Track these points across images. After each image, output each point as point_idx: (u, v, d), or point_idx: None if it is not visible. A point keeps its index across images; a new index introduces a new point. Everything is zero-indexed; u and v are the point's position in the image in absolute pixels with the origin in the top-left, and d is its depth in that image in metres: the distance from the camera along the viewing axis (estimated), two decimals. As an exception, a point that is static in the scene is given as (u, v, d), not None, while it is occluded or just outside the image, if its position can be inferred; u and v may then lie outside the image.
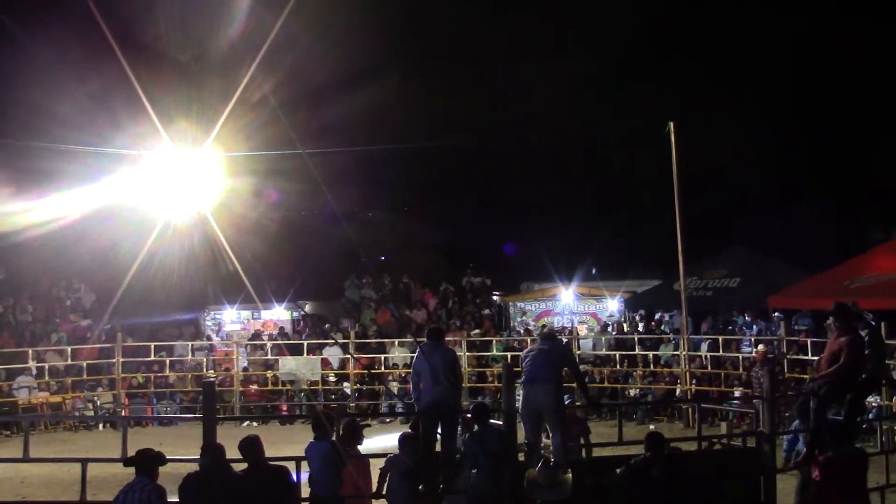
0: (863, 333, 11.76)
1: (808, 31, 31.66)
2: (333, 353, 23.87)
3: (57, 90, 22.04)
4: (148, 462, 8.72)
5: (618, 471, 9.92)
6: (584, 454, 12.47)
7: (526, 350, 11.82)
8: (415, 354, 12.08)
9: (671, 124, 21.63)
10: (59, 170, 21.60)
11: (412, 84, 31.60)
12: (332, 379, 23.93)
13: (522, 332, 26.32)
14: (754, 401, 17.11)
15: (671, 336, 23.72)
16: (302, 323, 27.31)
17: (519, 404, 11.18)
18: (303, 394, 23.68)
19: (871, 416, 16.27)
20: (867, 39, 32.21)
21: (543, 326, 25.80)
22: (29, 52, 23.00)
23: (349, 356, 22.83)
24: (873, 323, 13.55)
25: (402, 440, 10.41)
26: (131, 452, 8.99)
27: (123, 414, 22.20)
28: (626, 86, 35.37)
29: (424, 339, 11.90)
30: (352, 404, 23.13)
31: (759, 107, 33.46)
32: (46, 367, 22.33)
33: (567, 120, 33.26)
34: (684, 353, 21.81)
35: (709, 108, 31.23)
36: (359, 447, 10.72)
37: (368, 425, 11.57)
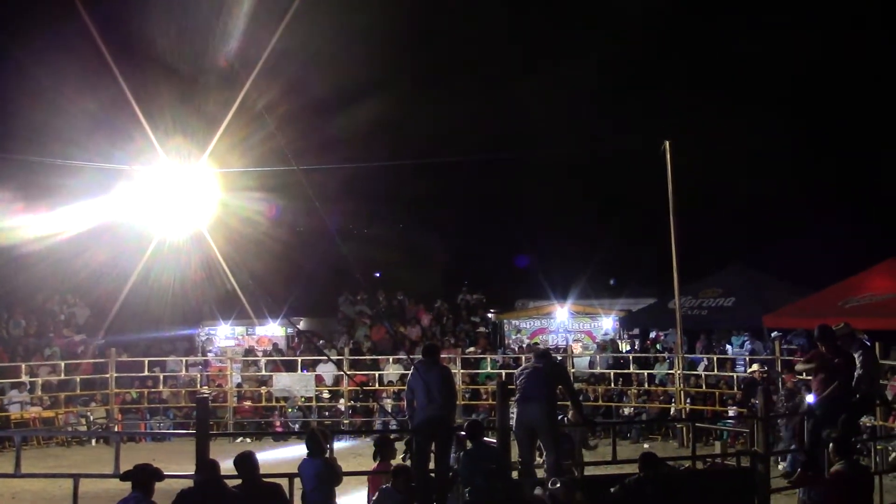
0: (856, 354, 11.80)
1: (807, 50, 31.77)
2: (327, 370, 23.84)
3: (53, 106, 22.07)
4: (145, 477, 8.69)
5: (612, 490, 9.91)
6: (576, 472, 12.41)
7: (520, 368, 11.82)
8: (409, 371, 12.08)
9: (667, 143, 21.68)
10: (55, 185, 21.59)
11: (408, 101, 31.68)
12: (325, 395, 23.90)
13: (517, 349, 26.29)
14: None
15: (666, 355, 23.70)
16: (296, 339, 27.27)
17: (513, 422, 11.17)
18: (291, 410, 23.63)
19: (864, 436, 16.25)
20: (869, 57, 32.41)
21: (536, 344, 25.80)
22: (26, 69, 23.04)
23: (343, 373, 22.80)
24: (868, 343, 13.57)
25: (395, 473, 10.31)
26: (124, 468, 8.97)
27: (116, 429, 22.12)
28: (623, 103, 35.48)
29: (419, 357, 11.92)
30: (346, 421, 23.10)
31: (755, 125, 33.56)
32: (39, 381, 22.27)
33: (563, 138, 33.33)
34: (679, 371, 21.80)
35: (705, 125, 31.33)
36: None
37: (400, 440, 11.55)
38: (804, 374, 13.81)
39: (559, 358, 22.44)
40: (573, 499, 9.01)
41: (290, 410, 23.65)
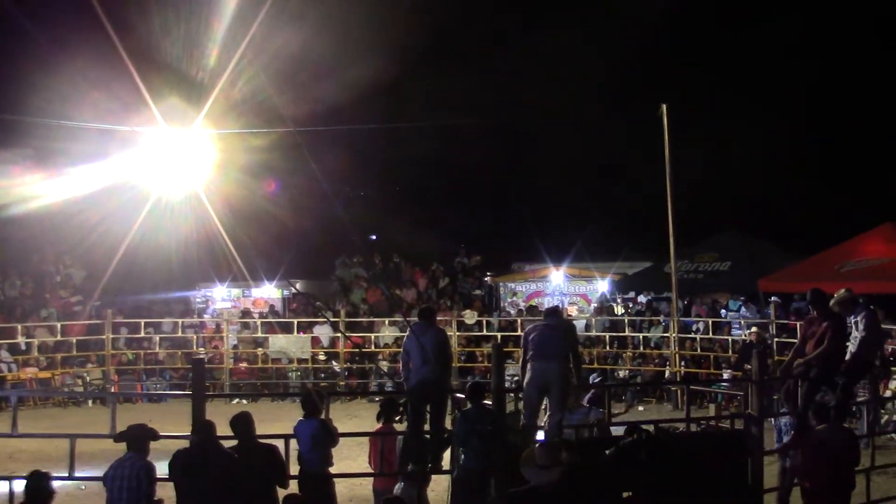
0: (860, 318, 11.81)
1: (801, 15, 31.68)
2: (324, 332, 23.90)
3: (48, 66, 21.92)
4: (139, 438, 8.71)
5: (607, 452, 9.94)
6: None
7: (530, 326, 11.75)
8: (405, 334, 12.08)
9: (664, 107, 21.60)
10: (51, 147, 21.52)
11: (406, 64, 31.47)
12: (321, 357, 23.95)
13: (514, 312, 26.31)
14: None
15: (661, 318, 23.73)
16: (294, 301, 27.28)
17: (525, 381, 11.12)
18: (296, 374, 23.69)
19: (859, 399, 16.29)
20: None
21: (533, 306, 25.79)
22: (24, 29, 22.87)
23: (341, 334, 22.85)
24: (871, 307, 13.50)
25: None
26: (120, 429, 8.98)
27: (113, 390, 22.19)
28: (621, 68, 35.29)
29: (415, 319, 11.91)
30: (341, 383, 23.18)
31: (752, 90, 33.46)
32: (35, 342, 22.29)
33: (560, 102, 33.16)
34: (674, 335, 21.86)
35: (702, 91, 31.19)
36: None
37: (403, 404, 11.55)
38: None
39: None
40: (555, 461, 9.01)
41: (295, 374, 23.69)
